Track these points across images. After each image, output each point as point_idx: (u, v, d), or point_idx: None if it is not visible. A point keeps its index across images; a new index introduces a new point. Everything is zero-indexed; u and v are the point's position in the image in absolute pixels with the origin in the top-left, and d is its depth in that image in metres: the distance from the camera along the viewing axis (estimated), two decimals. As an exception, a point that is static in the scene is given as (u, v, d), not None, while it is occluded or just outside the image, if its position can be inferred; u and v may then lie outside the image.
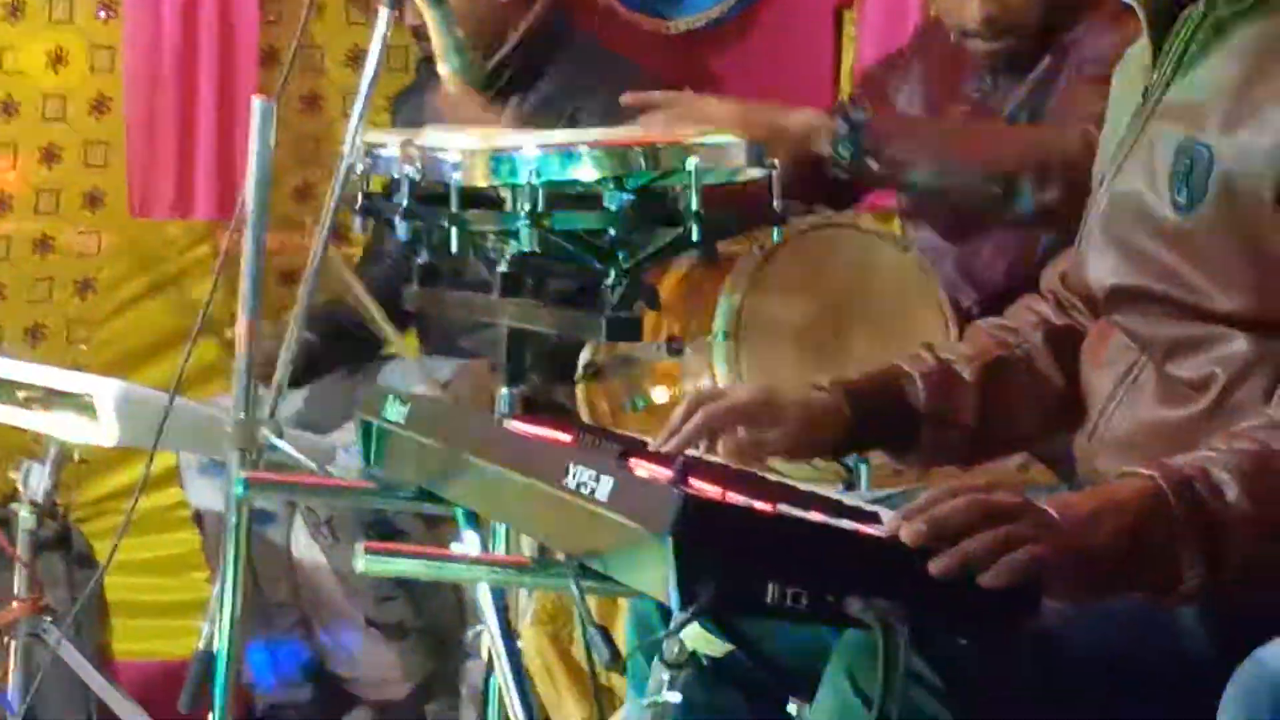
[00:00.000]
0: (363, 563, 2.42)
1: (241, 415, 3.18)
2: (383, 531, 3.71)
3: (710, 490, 2.17)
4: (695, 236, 2.93)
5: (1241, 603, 2.31)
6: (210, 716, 3.24)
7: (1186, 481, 2.22)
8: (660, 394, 2.91)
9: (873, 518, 2.26)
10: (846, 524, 2.17)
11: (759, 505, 2.16)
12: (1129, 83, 2.70)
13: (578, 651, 3.23)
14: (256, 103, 3.26)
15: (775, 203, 2.92)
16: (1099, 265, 2.62)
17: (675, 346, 2.99)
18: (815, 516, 2.18)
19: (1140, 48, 2.64)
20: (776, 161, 2.95)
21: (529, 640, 3.24)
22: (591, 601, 2.55)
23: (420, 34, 3.55)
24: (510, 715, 2.76)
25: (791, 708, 2.52)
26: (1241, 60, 2.48)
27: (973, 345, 2.73)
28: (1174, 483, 2.22)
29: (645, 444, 2.53)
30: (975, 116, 3.60)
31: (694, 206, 2.90)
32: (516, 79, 4.16)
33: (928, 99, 3.71)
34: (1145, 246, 2.54)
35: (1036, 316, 2.74)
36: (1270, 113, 2.41)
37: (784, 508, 2.18)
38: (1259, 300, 2.39)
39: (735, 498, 2.18)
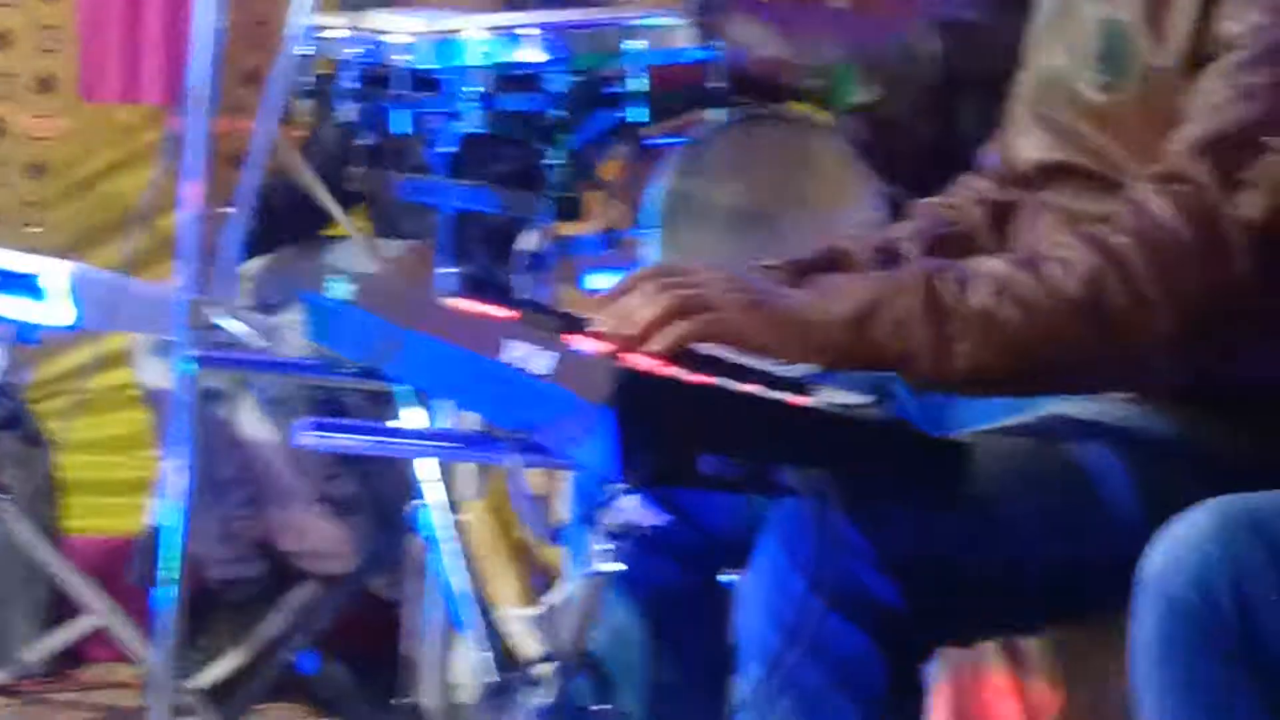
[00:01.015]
0: (306, 438, 2.44)
1: (191, 295, 3.19)
2: (328, 409, 3.72)
3: (647, 363, 2.18)
4: (637, 117, 2.94)
5: (1162, 474, 2.39)
6: (159, 595, 3.27)
7: (943, 272, 2.29)
8: (599, 280, 2.92)
9: (806, 389, 2.28)
10: (780, 395, 2.17)
11: (696, 378, 2.16)
12: None
13: (516, 526, 3.25)
14: (203, -9, 3.28)
15: (715, 84, 2.93)
16: (1025, 143, 2.63)
17: (614, 236, 3.00)
18: (750, 388, 2.17)
19: None
20: (721, 43, 2.96)
21: (475, 516, 3.26)
22: (532, 475, 2.57)
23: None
24: (450, 589, 2.79)
25: (726, 578, 2.53)
26: None
27: (915, 222, 2.74)
28: (934, 271, 2.30)
29: (586, 320, 2.55)
30: None
31: (636, 88, 2.91)
32: None
33: None
34: (1070, 123, 2.55)
35: (976, 193, 2.75)
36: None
37: (720, 381, 2.18)
38: None
39: (673, 371, 2.18)
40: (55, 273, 3.62)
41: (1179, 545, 2.10)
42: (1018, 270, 2.33)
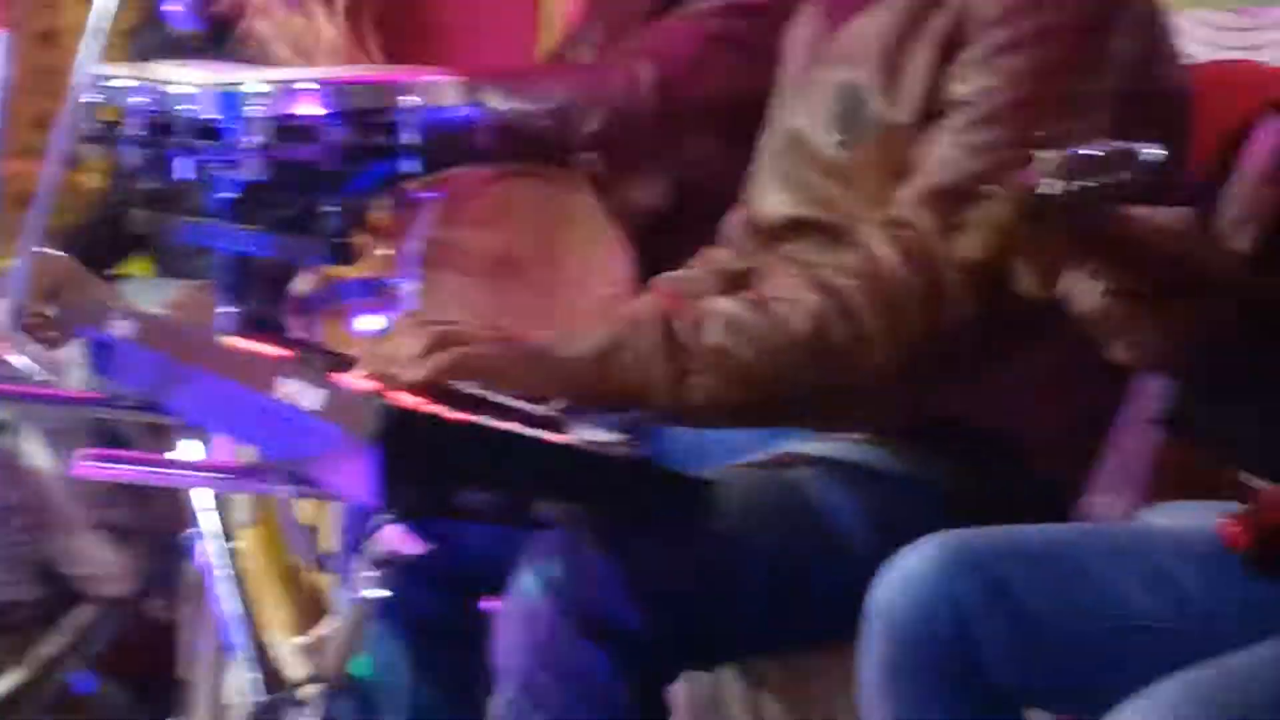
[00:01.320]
0: (86, 467, 2.43)
1: (-22, 328, 3.18)
2: (109, 440, 3.69)
3: (411, 401, 2.19)
4: (408, 169, 2.95)
5: (892, 509, 2.42)
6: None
7: (680, 311, 2.37)
8: (367, 322, 2.93)
9: (562, 427, 2.30)
10: (537, 432, 2.20)
11: (456, 416, 2.18)
12: (800, 30, 2.76)
13: (286, 553, 3.25)
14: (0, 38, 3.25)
15: (482, 142, 2.95)
16: (769, 200, 2.66)
17: (382, 283, 3.00)
18: (508, 425, 2.20)
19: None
20: (491, 102, 2.98)
21: (246, 542, 3.25)
22: (302, 505, 2.58)
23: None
24: (221, 613, 2.78)
25: (486, 604, 2.54)
26: (880, 20, 2.53)
27: (653, 297, 2.74)
28: (671, 311, 2.37)
29: (354, 360, 2.55)
30: None
31: (408, 141, 2.92)
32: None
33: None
34: (809, 180, 2.58)
35: (715, 263, 2.76)
36: (917, 58, 2.47)
37: (479, 418, 2.21)
38: None
39: (434, 408, 2.19)
40: None
41: (904, 578, 2.12)
42: (749, 310, 2.38)
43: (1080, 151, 1.67)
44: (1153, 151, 1.68)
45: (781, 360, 2.37)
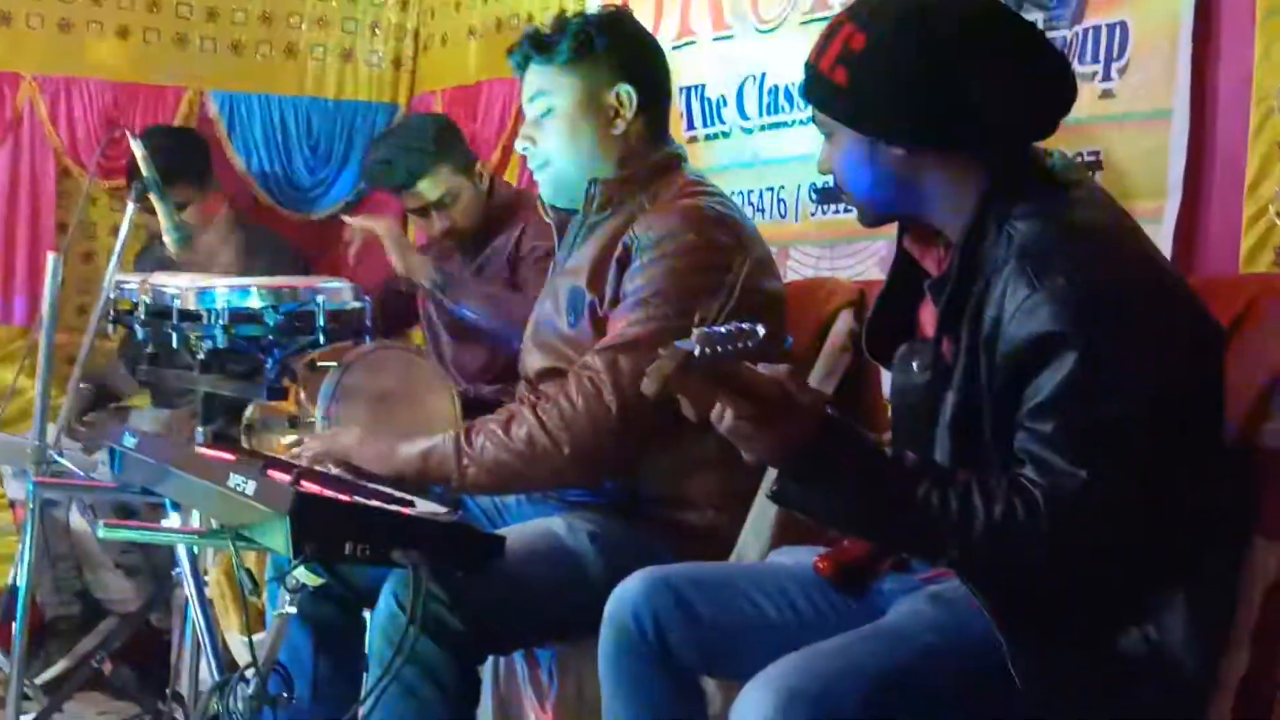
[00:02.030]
0: (103, 532, 2.36)
1: (36, 442, 3.08)
2: (123, 512, 3.59)
3: (313, 488, 2.14)
4: (322, 341, 2.91)
5: (615, 551, 2.39)
6: (14, 625, 3.13)
7: (468, 431, 2.42)
8: (288, 439, 2.87)
9: (410, 504, 2.27)
10: (395, 507, 2.16)
11: (342, 497, 2.15)
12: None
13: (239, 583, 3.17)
14: (50, 257, 3.17)
15: (367, 323, 2.93)
16: (531, 358, 2.63)
17: (294, 420, 2.94)
18: (374, 503, 2.17)
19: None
20: (369, 299, 2.96)
21: (212, 577, 3.17)
22: (248, 556, 2.52)
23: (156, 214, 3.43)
24: (197, 623, 2.72)
25: (365, 614, 2.47)
26: (590, 250, 2.52)
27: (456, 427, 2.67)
28: (463, 431, 2.42)
29: (280, 461, 2.51)
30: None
31: (320, 323, 2.88)
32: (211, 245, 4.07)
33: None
34: (553, 344, 2.56)
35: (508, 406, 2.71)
36: (609, 274, 2.46)
37: (356, 498, 2.17)
38: None
39: (327, 492, 2.16)
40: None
41: (622, 597, 2.11)
42: (500, 428, 2.40)
43: (714, 328, 1.67)
44: (760, 329, 1.69)
45: (511, 458, 2.39)
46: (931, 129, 1.88)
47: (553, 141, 2.53)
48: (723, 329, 1.65)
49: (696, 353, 1.64)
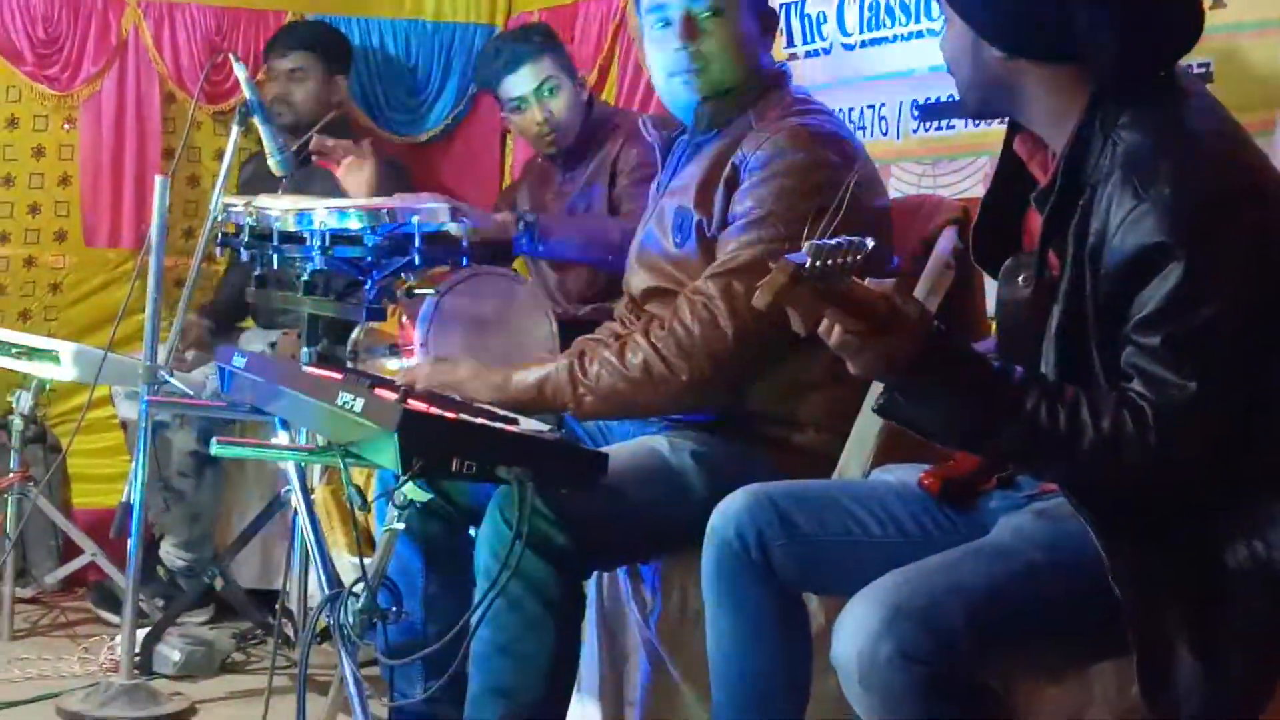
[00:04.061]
0: (216, 449, 2.41)
1: (147, 362, 3.15)
2: (227, 431, 3.64)
3: (419, 405, 2.18)
4: (418, 262, 2.94)
5: (719, 470, 2.41)
6: (129, 539, 3.21)
7: (581, 356, 2.43)
8: (393, 365, 2.89)
9: (514, 422, 2.29)
10: (499, 425, 2.20)
11: (448, 414, 2.18)
12: (653, 184, 2.75)
13: (347, 500, 3.21)
14: (158, 179, 3.22)
15: (464, 246, 2.94)
16: (636, 278, 2.66)
17: (395, 347, 2.97)
18: (479, 420, 2.20)
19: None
20: (467, 222, 2.97)
21: (319, 494, 3.22)
22: (356, 474, 2.56)
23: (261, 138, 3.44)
24: (307, 538, 2.76)
25: (471, 531, 2.50)
26: (696, 169, 2.53)
27: (578, 347, 2.70)
28: (576, 356, 2.44)
29: (385, 380, 2.55)
30: (558, 202, 3.60)
31: (417, 244, 2.91)
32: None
33: (533, 197, 3.71)
34: (660, 265, 2.58)
35: (609, 330, 2.72)
36: (716, 195, 2.47)
37: (462, 416, 2.21)
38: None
39: (434, 410, 2.19)
40: (65, 349, 3.56)
41: (725, 514, 2.12)
42: (614, 355, 2.41)
43: (824, 241, 1.67)
44: (869, 242, 1.68)
45: (627, 386, 2.41)
46: (1029, 40, 1.87)
47: (716, 42, 2.52)
48: (833, 241, 1.64)
49: (807, 265, 1.64)
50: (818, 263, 1.64)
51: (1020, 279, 1.96)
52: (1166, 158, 1.78)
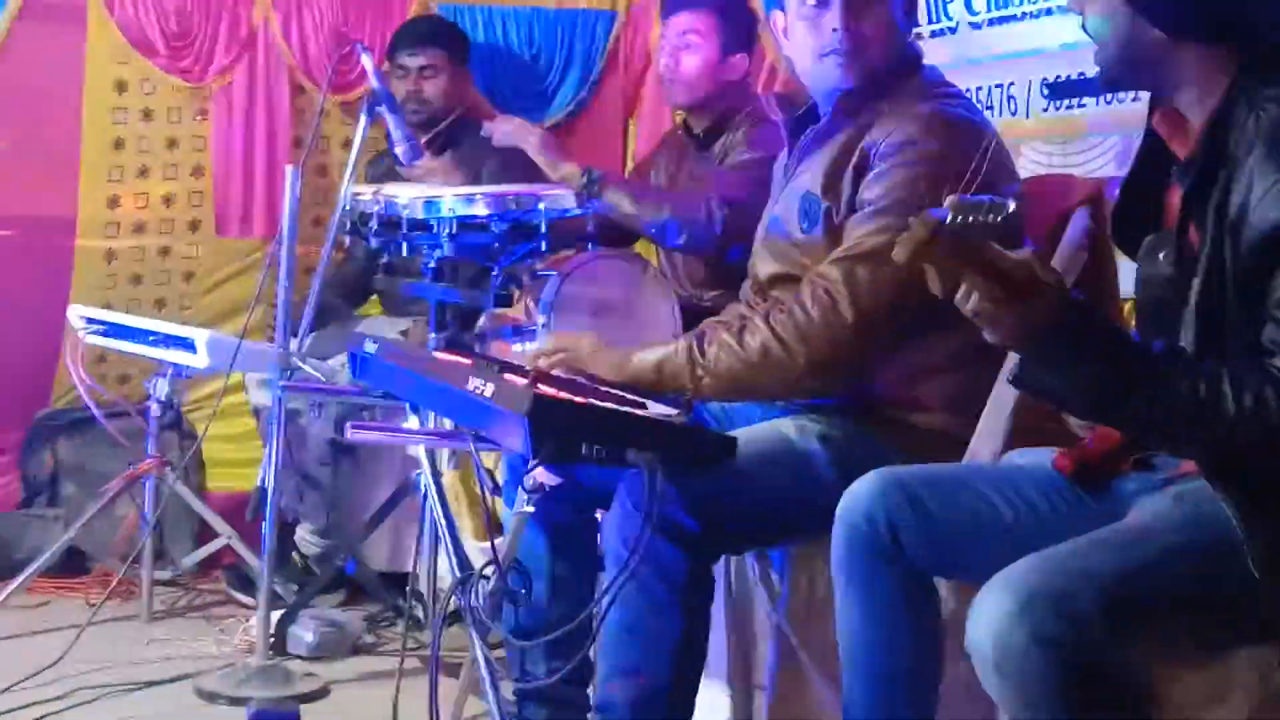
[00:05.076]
0: (350, 434, 2.45)
1: (280, 350, 3.20)
2: (358, 418, 3.69)
3: (549, 391, 2.19)
4: (544, 247, 2.96)
5: (847, 455, 2.40)
6: (263, 523, 3.27)
7: (699, 340, 2.42)
8: (517, 348, 2.92)
9: (643, 406, 2.30)
10: (628, 409, 2.21)
11: (578, 399, 2.20)
12: (779, 162, 2.74)
13: (475, 485, 3.25)
14: (288, 169, 3.27)
15: (590, 230, 2.96)
16: (762, 263, 2.65)
17: (519, 329, 2.99)
18: (608, 405, 2.21)
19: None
20: (596, 205, 2.98)
21: (448, 479, 3.25)
22: (484, 455, 2.58)
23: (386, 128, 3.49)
24: (438, 521, 2.79)
25: (598, 515, 2.52)
26: (825, 155, 2.51)
27: (700, 328, 2.70)
28: (694, 340, 2.43)
29: (514, 365, 2.56)
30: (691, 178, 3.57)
31: (543, 230, 2.93)
32: (443, 148, 4.12)
33: (668, 170, 3.71)
34: (785, 251, 2.57)
35: (736, 313, 2.70)
36: (844, 181, 2.46)
37: (591, 401, 2.22)
38: None
39: (563, 395, 2.20)
40: (200, 336, 3.60)
41: (855, 497, 2.11)
42: (733, 338, 2.40)
43: (967, 197, 1.65)
44: (1011, 203, 1.66)
45: (744, 368, 2.40)
46: (1193, 21, 1.84)
47: (870, 27, 2.50)
48: (975, 199, 1.62)
49: (948, 220, 1.62)
50: (958, 218, 1.62)
51: (1161, 255, 1.93)
52: None
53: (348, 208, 3.15)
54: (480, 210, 2.90)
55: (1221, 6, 1.84)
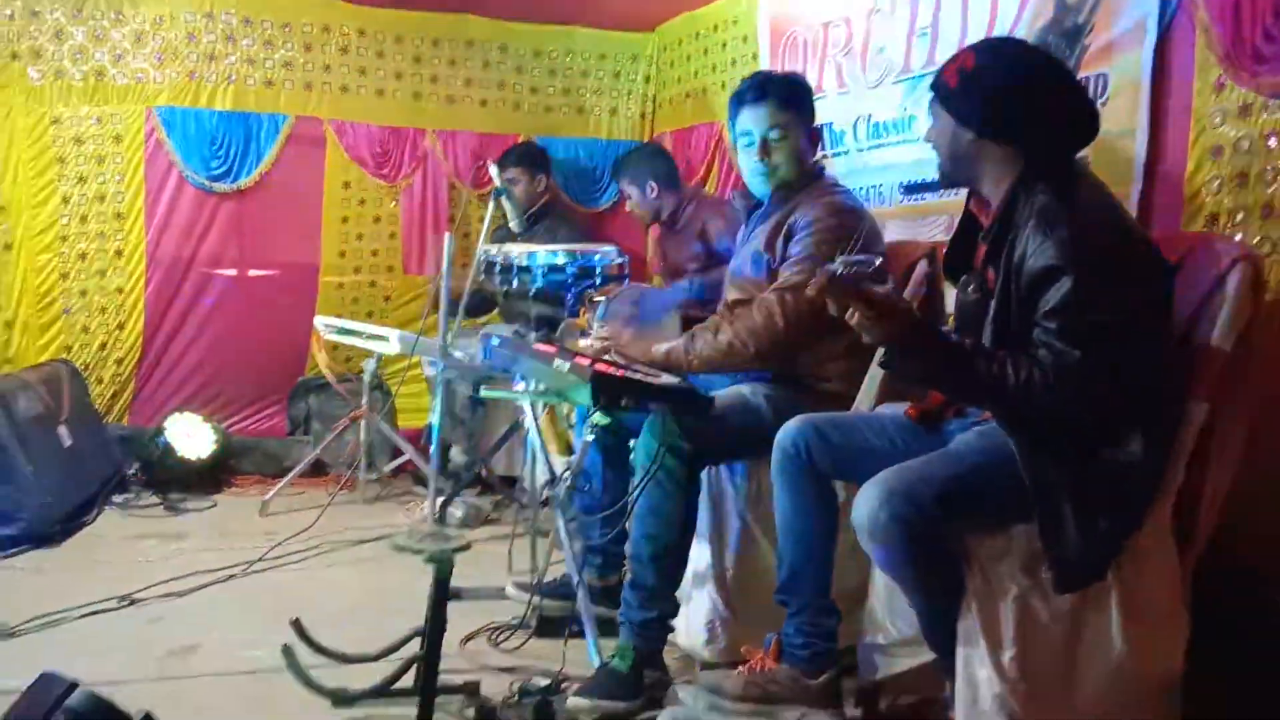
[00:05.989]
0: (482, 391, 2.43)
1: (441, 342, 3.20)
2: (489, 383, 3.66)
3: (603, 367, 2.17)
4: (598, 283, 2.93)
5: (782, 405, 2.32)
6: (431, 446, 3.25)
7: (691, 336, 2.35)
8: (583, 343, 2.89)
9: (658, 377, 2.25)
10: (649, 379, 2.18)
11: (619, 373, 2.18)
12: (741, 234, 2.66)
13: (559, 422, 3.23)
14: (446, 236, 3.25)
15: (625, 273, 2.94)
16: (731, 293, 2.55)
17: (583, 332, 2.97)
18: (638, 375, 2.19)
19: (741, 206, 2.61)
20: (627, 257, 2.96)
21: (543, 420, 3.20)
22: (564, 406, 2.56)
23: (504, 209, 3.47)
24: (535, 446, 2.78)
25: (631, 443, 2.46)
26: (767, 227, 2.45)
27: (697, 328, 2.59)
28: (688, 337, 2.35)
29: (582, 353, 2.54)
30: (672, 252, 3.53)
31: (598, 272, 2.91)
32: (535, 221, 4.02)
33: (662, 247, 3.65)
34: (744, 285, 2.48)
35: (713, 321, 2.58)
36: (779, 244, 2.40)
37: (628, 373, 2.20)
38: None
39: (610, 370, 2.18)
40: (393, 334, 3.57)
41: (785, 431, 2.10)
42: (713, 334, 2.35)
43: (850, 256, 1.66)
44: (878, 259, 1.67)
45: (717, 355, 2.35)
46: (991, 126, 1.83)
47: (781, 156, 2.44)
48: (855, 257, 1.65)
49: (839, 271, 1.64)
50: (847, 269, 1.63)
51: (970, 288, 1.93)
52: (1063, 212, 1.75)
53: (482, 258, 3.15)
54: (560, 260, 2.89)
55: (1011, 115, 1.81)
